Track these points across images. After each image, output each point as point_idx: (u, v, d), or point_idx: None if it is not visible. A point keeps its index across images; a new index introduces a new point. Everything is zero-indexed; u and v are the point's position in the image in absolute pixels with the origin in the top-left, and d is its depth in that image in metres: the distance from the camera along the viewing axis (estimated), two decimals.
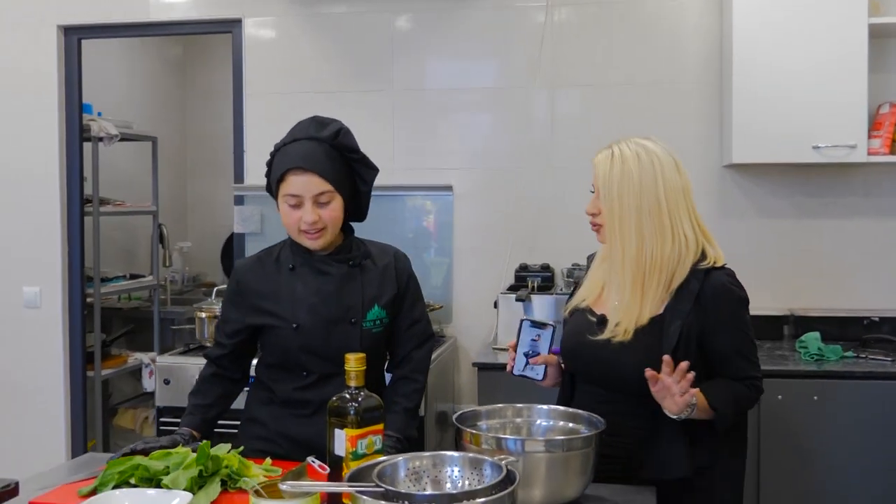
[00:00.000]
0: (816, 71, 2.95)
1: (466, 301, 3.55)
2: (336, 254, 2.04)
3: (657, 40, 3.38)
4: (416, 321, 2.13)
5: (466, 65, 3.55)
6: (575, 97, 3.47)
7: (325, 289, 2.01)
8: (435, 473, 1.46)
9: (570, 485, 1.62)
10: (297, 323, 1.99)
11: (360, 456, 1.61)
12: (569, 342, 1.94)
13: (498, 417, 1.78)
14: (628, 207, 1.79)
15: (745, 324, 1.82)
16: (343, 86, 3.63)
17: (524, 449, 1.58)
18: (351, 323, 2.01)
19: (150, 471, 1.70)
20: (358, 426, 1.61)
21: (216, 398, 2.09)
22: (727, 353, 1.81)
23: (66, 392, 3.94)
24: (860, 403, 2.70)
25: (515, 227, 3.50)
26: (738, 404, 1.80)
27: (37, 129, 3.85)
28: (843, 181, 3.28)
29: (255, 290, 2.06)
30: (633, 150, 1.81)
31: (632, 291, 1.80)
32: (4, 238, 3.89)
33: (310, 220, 1.92)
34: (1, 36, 3.85)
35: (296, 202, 1.93)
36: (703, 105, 3.34)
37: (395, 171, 3.59)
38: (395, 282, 2.09)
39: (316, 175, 1.92)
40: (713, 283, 1.78)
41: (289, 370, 2.04)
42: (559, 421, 1.78)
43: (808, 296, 3.29)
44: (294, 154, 1.94)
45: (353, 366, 1.64)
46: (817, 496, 2.74)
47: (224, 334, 2.10)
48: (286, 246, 2.09)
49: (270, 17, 3.68)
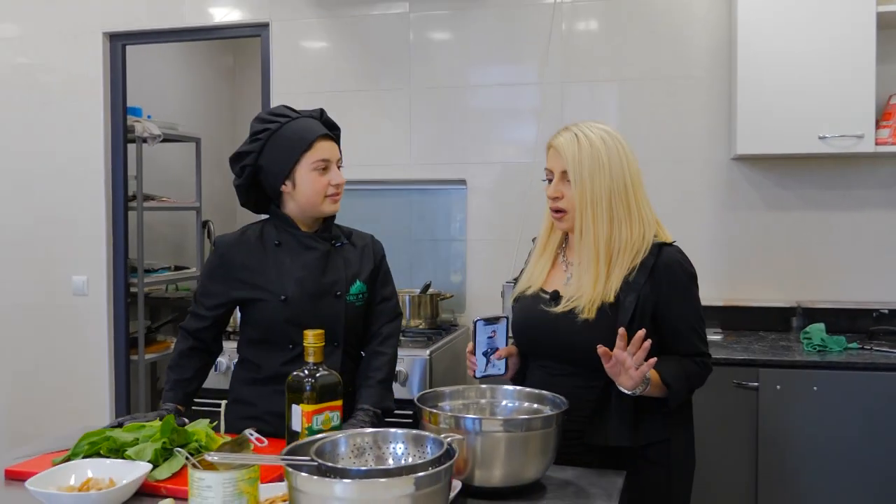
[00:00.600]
0: (823, 61, 2.72)
1: (479, 291, 3.43)
2: (321, 231, 2.00)
3: (666, 35, 3.20)
4: (386, 299, 2.08)
5: (480, 62, 3.42)
6: (585, 93, 3.31)
7: (312, 263, 1.95)
8: (378, 450, 1.34)
9: (530, 465, 1.49)
10: (285, 295, 1.92)
11: (315, 432, 1.51)
12: (519, 321, 1.82)
13: (461, 398, 1.66)
14: (600, 190, 1.67)
15: (696, 299, 1.73)
16: (363, 85, 3.55)
17: (482, 428, 1.45)
18: (336, 296, 1.95)
19: (117, 442, 1.63)
20: (314, 402, 1.52)
21: (195, 371, 2.02)
22: (679, 328, 1.71)
23: (110, 374, 3.95)
24: (861, 394, 2.48)
25: (527, 219, 3.35)
26: (690, 381, 1.70)
27: (84, 130, 3.86)
28: (851, 173, 3.04)
29: (240, 264, 1.98)
30: (597, 134, 1.70)
31: (598, 270, 1.69)
32: (56, 230, 3.91)
33: (341, 181, 1.93)
34: (51, 43, 3.89)
35: (325, 166, 1.91)
36: (713, 98, 3.14)
37: (411, 166, 3.50)
38: (372, 259, 2.05)
39: (335, 142, 1.96)
40: (665, 258, 1.69)
41: (275, 344, 1.96)
42: (524, 402, 1.65)
43: (816, 288, 3.06)
44: (312, 126, 1.93)
45: (312, 342, 1.55)
46: (815, 486, 2.53)
47: (204, 307, 2.01)
48: (268, 224, 2.03)
49: (296, 20, 3.62)
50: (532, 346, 1.81)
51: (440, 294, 3.30)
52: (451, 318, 3.40)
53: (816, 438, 2.50)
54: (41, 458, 1.69)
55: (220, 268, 2.00)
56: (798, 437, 2.52)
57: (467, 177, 3.44)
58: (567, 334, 1.69)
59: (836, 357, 2.54)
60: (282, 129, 1.92)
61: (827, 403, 2.48)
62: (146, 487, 1.52)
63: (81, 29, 3.84)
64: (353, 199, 3.53)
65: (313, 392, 1.51)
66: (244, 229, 2.05)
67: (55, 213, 3.91)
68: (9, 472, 1.63)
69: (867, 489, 2.48)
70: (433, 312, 3.26)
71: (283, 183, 1.93)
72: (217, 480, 1.25)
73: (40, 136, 3.91)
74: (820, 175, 3.06)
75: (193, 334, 2.02)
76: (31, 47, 3.91)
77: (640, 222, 1.69)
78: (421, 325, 3.23)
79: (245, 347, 2.04)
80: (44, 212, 3.92)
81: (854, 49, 2.68)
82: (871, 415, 2.46)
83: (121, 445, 1.63)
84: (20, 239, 3.95)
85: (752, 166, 3.12)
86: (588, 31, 3.29)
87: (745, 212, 3.14)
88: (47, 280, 3.93)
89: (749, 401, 2.54)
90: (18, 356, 3.98)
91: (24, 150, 3.93)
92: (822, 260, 3.07)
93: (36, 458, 1.70)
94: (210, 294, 2.01)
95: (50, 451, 1.73)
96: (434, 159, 3.48)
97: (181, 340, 2.04)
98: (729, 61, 3.09)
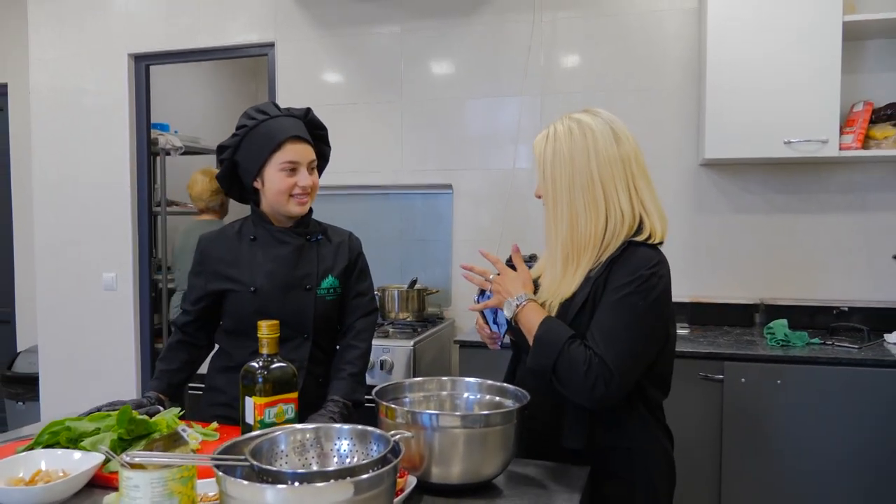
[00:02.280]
0: (790, 68, 2.42)
1: (464, 288, 3.15)
2: (295, 227, 1.74)
3: (640, 49, 2.93)
4: (362, 294, 1.80)
5: (465, 77, 3.16)
6: (562, 103, 3.03)
7: (283, 256, 1.71)
8: (320, 448, 1.07)
9: (490, 462, 1.21)
10: (255, 287, 1.68)
11: (267, 425, 1.25)
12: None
13: (421, 390, 1.38)
14: (561, 185, 1.36)
15: (626, 309, 1.27)
16: (359, 98, 3.30)
17: (439, 424, 1.18)
18: (306, 289, 1.70)
19: (75, 432, 1.37)
20: (267, 394, 1.25)
21: (182, 363, 1.77)
22: (597, 320, 1.29)
23: (137, 361, 3.76)
24: (823, 388, 2.17)
25: (508, 221, 3.09)
26: (563, 358, 1.26)
27: (113, 143, 3.68)
28: (812, 178, 2.74)
29: (217, 258, 1.74)
30: (566, 126, 1.38)
31: (563, 268, 1.37)
32: (88, 232, 3.74)
33: (307, 183, 1.68)
34: (83, 65, 3.70)
35: (292, 168, 1.66)
36: (683, 108, 2.86)
37: (402, 173, 3.24)
38: (346, 255, 1.79)
39: (308, 144, 1.70)
40: (628, 254, 1.31)
41: (246, 334, 1.69)
42: (486, 395, 1.37)
43: (779, 287, 2.76)
44: (286, 126, 1.68)
45: (266, 332, 1.28)
46: (778, 478, 2.23)
47: (189, 302, 1.78)
48: (247, 220, 1.79)
49: (299, 40, 3.37)
50: (517, 342, 1.50)
51: (426, 289, 3.04)
52: (437, 312, 3.14)
53: (779, 432, 2.21)
54: (6, 447, 1.43)
55: (200, 264, 1.77)
56: (762, 429, 2.22)
57: (453, 182, 3.17)
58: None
59: (799, 352, 2.24)
60: (258, 127, 1.69)
61: (790, 396, 2.18)
62: (99, 479, 1.26)
63: (109, 51, 3.65)
64: (348, 203, 3.29)
65: (266, 384, 1.24)
66: (228, 224, 1.82)
67: (88, 217, 3.74)
68: None
69: (829, 478, 2.18)
70: (420, 306, 3.00)
71: (255, 180, 1.70)
72: (145, 480, 0.99)
73: (75, 150, 3.74)
74: (783, 180, 2.77)
75: (181, 328, 1.79)
76: (65, 69, 3.73)
77: (609, 215, 1.33)
78: (408, 317, 2.98)
79: (221, 337, 1.79)
80: (78, 217, 3.75)
81: (821, 57, 2.38)
82: (833, 407, 2.17)
83: (79, 435, 1.37)
84: (57, 240, 3.80)
85: (719, 172, 2.83)
86: (566, 46, 3.02)
87: (712, 215, 2.85)
88: (81, 277, 3.79)
89: (714, 393, 2.25)
90: (55, 344, 3.84)
91: (61, 161, 3.77)
92: (785, 260, 2.77)
93: (2, 446, 1.44)
94: (192, 288, 1.78)
95: (19, 439, 1.48)
96: (423, 166, 3.22)
97: (172, 334, 1.82)
98: (699, 73, 2.81)
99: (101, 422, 1.41)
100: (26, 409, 4.02)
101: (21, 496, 1.16)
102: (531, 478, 1.30)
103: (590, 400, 1.26)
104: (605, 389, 1.24)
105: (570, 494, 1.22)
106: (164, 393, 1.72)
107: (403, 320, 2.95)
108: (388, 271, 3.21)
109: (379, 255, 3.23)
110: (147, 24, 3.57)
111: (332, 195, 3.23)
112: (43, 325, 3.82)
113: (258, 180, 1.69)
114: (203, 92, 4.97)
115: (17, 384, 4.04)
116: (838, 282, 2.70)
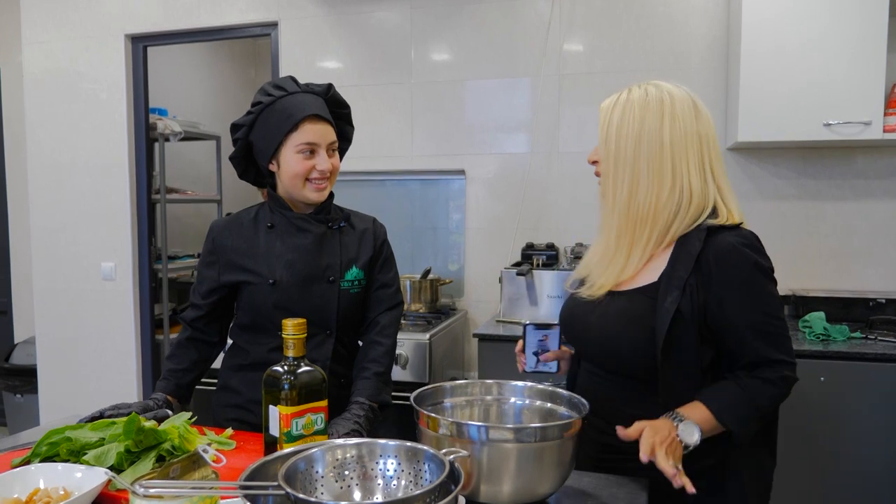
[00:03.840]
0: (832, 47, 2.24)
1: (477, 277, 3.00)
2: (316, 213, 1.57)
3: (663, 27, 2.76)
4: (386, 285, 1.63)
5: (478, 57, 2.98)
6: (581, 84, 2.86)
7: (304, 246, 1.53)
8: (362, 468, 0.91)
9: (545, 480, 1.05)
10: (274, 279, 1.51)
11: (295, 438, 1.08)
12: (564, 312, 1.34)
13: (464, 395, 1.22)
14: (625, 146, 1.19)
15: (761, 294, 1.14)
16: (366, 80, 3.11)
17: (488, 437, 1.01)
18: (329, 281, 1.53)
19: (77, 444, 1.21)
20: (293, 403, 1.09)
21: (192, 363, 1.59)
22: (739, 330, 1.13)
23: (137, 353, 3.60)
24: (870, 386, 2.03)
25: (523, 208, 2.93)
26: (755, 404, 1.13)
27: (110, 127, 3.49)
28: (850, 162, 2.59)
29: (231, 247, 1.56)
30: (642, 89, 1.21)
31: (617, 244, 1.21)
32: (86, 220, 3.56)
33: (326, 167, 1.50)
34: (78, 46, 3.50)
35: (311, 150, 1.49)
36: (709, 90, 2.69)
37: (413, 158, 3.07)
38: (372, 244, 1.61)
39: (329, 124, 1.52)
40: (718, 244, 1.14)
41: (264, 330, 1.54)
42: (536, 400, 1.21)
43: (811, 277, 2.62)
44: (304, 104, 1.49)
45: (292, 332, 1.11)
46: (825, 477, 2.09)
47: (199, 295, 1.60)
48: (264, 206, 1.61)
49: (302, 19, 3.18)
50: (573, 342, 1.33)
51: (440, 279, 2.88)
52: (450, 303, 2.99)
53: (824, 431, 2.06)
54: (2, 458, 1.26)
55: (212, 253, 1.59)
56: (805, 430, 2.08)
57: (466, 167, 3.00)
58: (590, 330, 1.23)
59: (841, 347, 2.09)
60: (274, 104, 1.51)
61: (836, 395, 2.03)
62: (106, 497, 1.10)
63: (105, 32, 3.45)
64: (357, 189, 3.12)
65: (293, 391, 1.08)
66: (241, 211, 1.63)
67: (85, 205, 3.56)
68: None
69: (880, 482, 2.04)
70: (433, 297, 2.84)
71: (270, 162, 1.53)
72: None
73: (71, 135, 3.55)
74: (816, 165, 2.62)
75: (191, 324, 1.61)
76: (59, 51, 3.53)
77: (675, 188, 1.16)
78: (421, 309, 2.82)
79: (235, 333, 1.62)
80: (75, 204, 3.57)
81: (865, 33, 2.21)
82: (882, 407, 2.02)
83: (81, 447, 1.20)
84: (54, 228, 3.62)
85: (747, 156, 2.68)
86: (585, 23, 2.84)
87: (740, 201, 2.67)
88: (79, 266, 3.62)
89: None
90: (53, 335, 3.68)
91: (57, 147, 3.58)
92: (816, 249, 2.63)
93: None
94: (204, 280, 1.60)
95: (15, 449, 1.32)
96: (434, 150, 3.05)
97: (181, 331, 1.64)
98: (727, 51, 2.65)
99: (105, 431, 1.25)
100: (24, 401, 3.86)
101: None
102: (585, 491, 1.15)
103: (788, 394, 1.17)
104: (795, 379, 1.17)
105: None
106: (172, 395, 1.56)
107: (416, 312, 2.80)
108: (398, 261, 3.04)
109: None
110: (144, 3, 3.38)
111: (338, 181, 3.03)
112: (40, 316, 3.66)
113: (273, 162, 1.52)
114: (200, 76, 4.78)
115: (14, 376, 3.87)
116: (872, 272, 2.56)
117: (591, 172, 1.50)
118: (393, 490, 0.90)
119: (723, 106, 2.67)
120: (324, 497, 0.87)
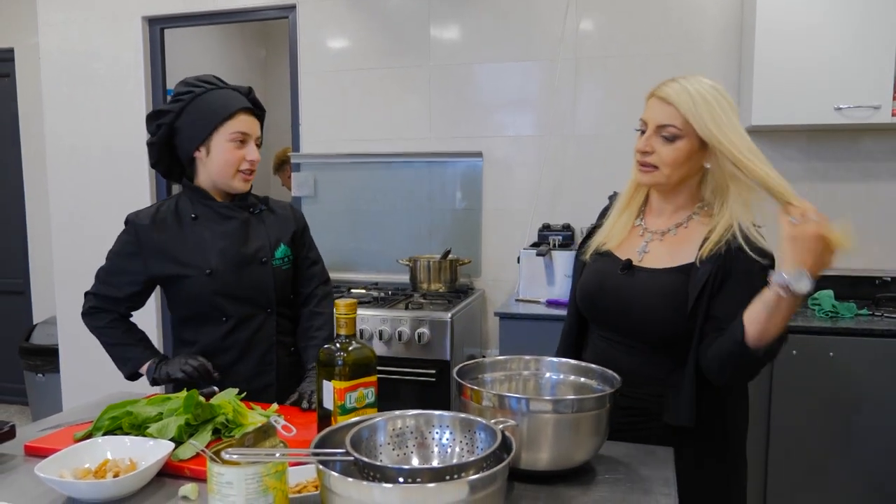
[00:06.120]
0: (843, 30, 2.29)
1: (494, 257, 3.06)
2: (240, 201, 1.66)
3: (677, 12, 2.79)
4: (315, 262, 1.78)
5: (496, 39, 3.01)
6: (597, 68, 2.90)
7: (232, 232, 1.62)
8: (420, 437, 0.99)
9: (581, 448, 1.14)
10: (210, 268, 1.59)
11: (348, 410, 1.16)
12: (590, 284, 1.40)
13: (502, 369, 1.30)
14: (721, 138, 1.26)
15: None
16: (384, 62, 3.15)
17: (529, 409, 1.10)
18: (262, 262, 1.64)
19: (139, 418, 1.28)
20: (347, 378, 1.16)
21: (141, 333, 1.72)
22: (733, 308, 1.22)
23: (158, 333, 3.67)
24: (877, 361, 2.11)
25: (540, 189, 2.99)
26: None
27: (127, 110, 3.51)
28: (858, 145, 2.64)
29: (157, 242, 1.61)
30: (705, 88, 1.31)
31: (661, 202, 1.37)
32: (105, 202, 3.58)
33: (256, 158, 1.62)
34: (94, 28, 3.51)
35: (242, 139, 1.60)
36: (721, 73, 2.73)
37: (431, 140, 3.12)
38: (293, 223, 1.74)
39: (257, 120, 1.66)
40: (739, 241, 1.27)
41: (208, 318, 1.62)
42: (570, 375, 1.29)
43: None
44: (237, 97, 1.62)
45: (344, 312, 1.18)
46: (828, 452, 2.18)
47: (114, 286, 1.66)
48: (182, 198, 1.66)
49: (320, 1, 3.20)
50: (598, 312, 1.41)
51: (459, 260, 2.95)
52: (468, 283, 3.06)
53: (832, 406, 2.15)
54: (63, 432, 1.35)
55: (133, 246, 1.63)
56: (813, 404, 2.17)
57: (483, 149, 3.05)
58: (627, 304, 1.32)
59: (849, 323, 2.18)
60: (206, 94, 1.60)
61: (843, 370, 2.12)
62: (169, 468, 1.17)
63: (122, 13, 3.46)
64: (376, 171, 3.17)
65: (345, 367, 1.15)
66: (158, 206, 1.67)
67: (105, 187, 3.58)
68: (28, 447, 1.29)
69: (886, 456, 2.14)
70: (452, 277, 2.92)
71: (198, 149, 1.59)
72: (238, 476, 0.91)
73: (88, 117, 3.57)
74: (825, 147, 2.67)
75: (110, 311, 1.69)
76: (75, 33, 3.54)
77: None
78: (441, 288, 2.89)
79: (179, 325, 1.69)
80: (94, 186, 3.60)
81: (877, 18, 2.26)
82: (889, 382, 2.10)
83: (143, 421, 1.28)
84: (74, 210, 3.65)
85: (757, 139, 2.68)
86: (601, 6, 2.88)
87: None
88: (98, 248, 3.52)
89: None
90: (74, 317, 3.67)
91: (75, 129, 3.61)
92: None
93: (58, 431, 1.36)
94: (124, 272, 1.65)
95: (75, 423, 1.39)
96: (452, 133, 3.10)
97: (97, 318, 1.71)
98: (740, 38, 2.69)
99: (162, 405, 1.33)
100: (46, 380, 3.95)
101: (91, 489, 1.08)
102: (616, 459, 1.23)
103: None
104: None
105: (663, 474, 1.15)
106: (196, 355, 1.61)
107: (436, 291, 2.87)
108: (416, 241, 3.12)
109: (406, 225, 3.14)
110: None
111: (357, 163, 3.11)
112: (61, 297, 3.72)
113: (201, 150, 1.59)
114: (212, 57, 4.78)
115: (35, 356, 3.96)
116: (878, 251, 2.63)
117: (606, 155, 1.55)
118: (448, 457, 0.98)
119: (736, 89, 2.72)
120: (386, 462, 0.95)
